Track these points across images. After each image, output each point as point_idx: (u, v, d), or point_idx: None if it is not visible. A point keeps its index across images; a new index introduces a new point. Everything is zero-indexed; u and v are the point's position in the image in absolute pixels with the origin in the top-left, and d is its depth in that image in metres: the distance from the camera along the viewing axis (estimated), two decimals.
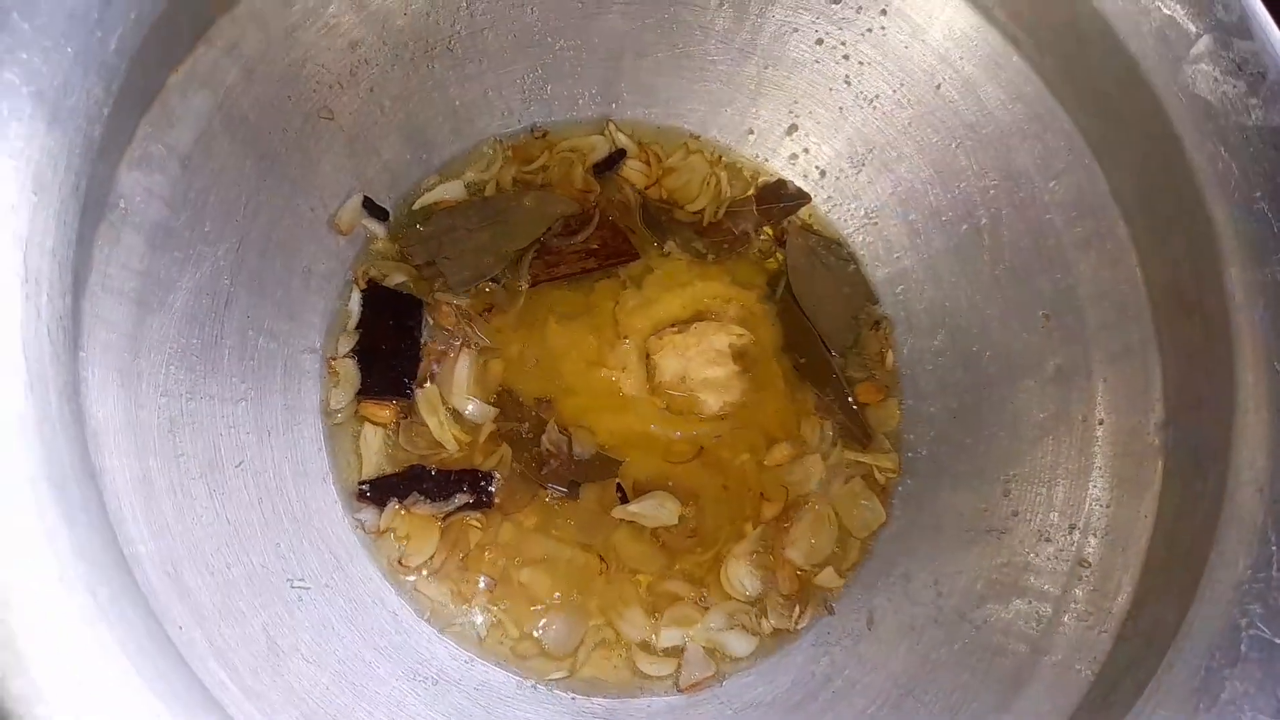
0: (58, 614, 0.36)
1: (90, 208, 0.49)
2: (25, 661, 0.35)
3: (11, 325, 0.39)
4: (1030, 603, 0.62)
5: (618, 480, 0.71)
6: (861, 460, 0.74)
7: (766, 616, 0.70)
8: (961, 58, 0.67)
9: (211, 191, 0.59)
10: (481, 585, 0.69)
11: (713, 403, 0.73)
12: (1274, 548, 0.47)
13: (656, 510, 0.70)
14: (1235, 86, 0.53)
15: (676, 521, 0.70)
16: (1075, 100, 0.63)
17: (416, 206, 0.74)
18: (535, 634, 0.68)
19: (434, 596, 0.68)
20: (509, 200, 0.74)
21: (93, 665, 0.37)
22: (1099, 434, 0.63)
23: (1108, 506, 0.62)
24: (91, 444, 0.49)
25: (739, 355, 0.74)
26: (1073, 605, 0.60)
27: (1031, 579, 0.63)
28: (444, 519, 0.69)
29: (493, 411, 0.71)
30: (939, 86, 0.70)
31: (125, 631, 0.38)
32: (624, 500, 0.70)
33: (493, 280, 0.73)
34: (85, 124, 0.44)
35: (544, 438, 0.70)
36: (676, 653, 0.69)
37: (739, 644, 0.69)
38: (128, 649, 0.38)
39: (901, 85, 0.72)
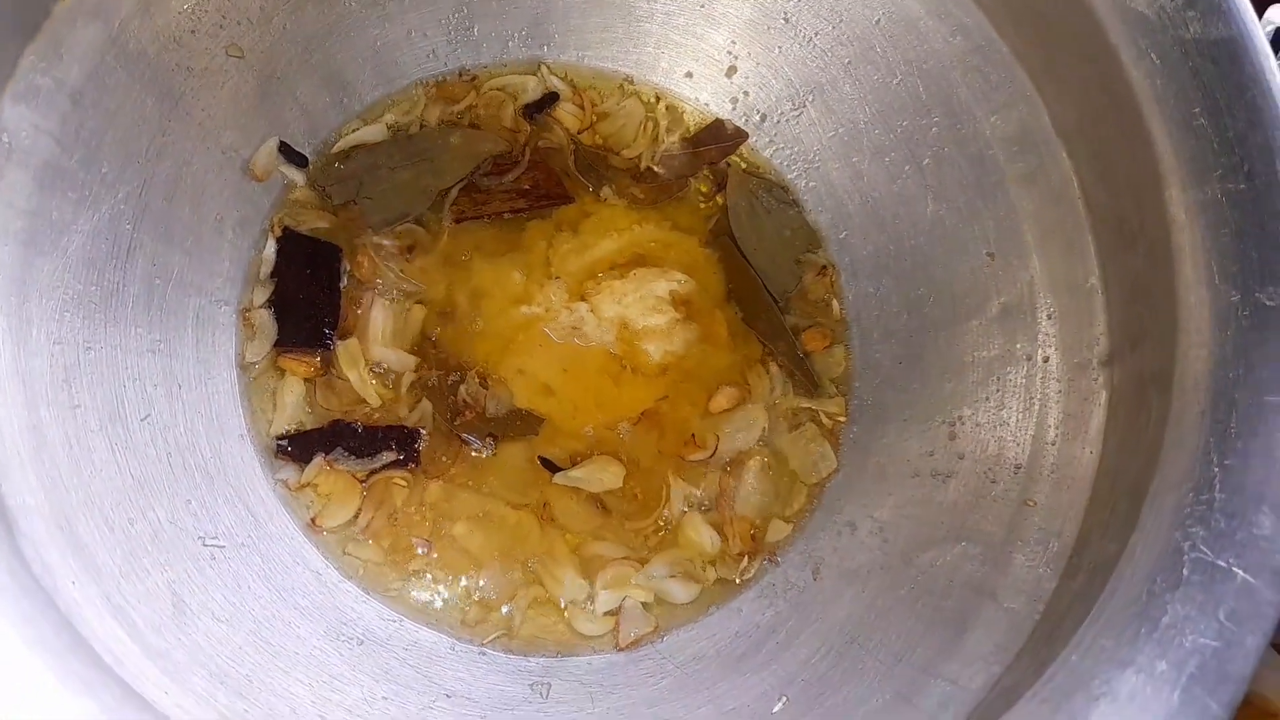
0: None
1: None
2: None
3: None
4: (976, 545, 0.60)
5: (539, 453, 0.67)
6: (808, 407, 0.72)
7: (713, 565, 0.68)
8: None
9: (108, 131, 0.56)
10: (413, 547, 0.66)
11: (654, 352, 0.70)
12: (1215, 469, 0.45)
13: (599, 475, 0.68)
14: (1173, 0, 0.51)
15: (620, 485, 0.68)
16: (1014, 28, 0.61)
17: (335, 150, 0.70)
18: (470, 594, 0.66)
19: (365, 557, 0.65)
20: (434, 138, 0.70)
21: None
22: (1044, 372, 0.62)
23: (1053, 444, 0.60)
24: None
25: (681, 302, 0.71)
26: (1018, 545, 0.58)
27: (977, 521, 0.61)
28: (367, 478, 0.66)
29: (413, 360, 0.68)
30: (878, 21, 0.68)
31: None
32: (551, 469, 0.67)
33: (416, 221, 0.70)
34: None
35: (461, 388, 0.67)
36: (615, 612, 0.67)
37: (680, 591, 0.67)
38: None
39: (841, 21, 0.69)
